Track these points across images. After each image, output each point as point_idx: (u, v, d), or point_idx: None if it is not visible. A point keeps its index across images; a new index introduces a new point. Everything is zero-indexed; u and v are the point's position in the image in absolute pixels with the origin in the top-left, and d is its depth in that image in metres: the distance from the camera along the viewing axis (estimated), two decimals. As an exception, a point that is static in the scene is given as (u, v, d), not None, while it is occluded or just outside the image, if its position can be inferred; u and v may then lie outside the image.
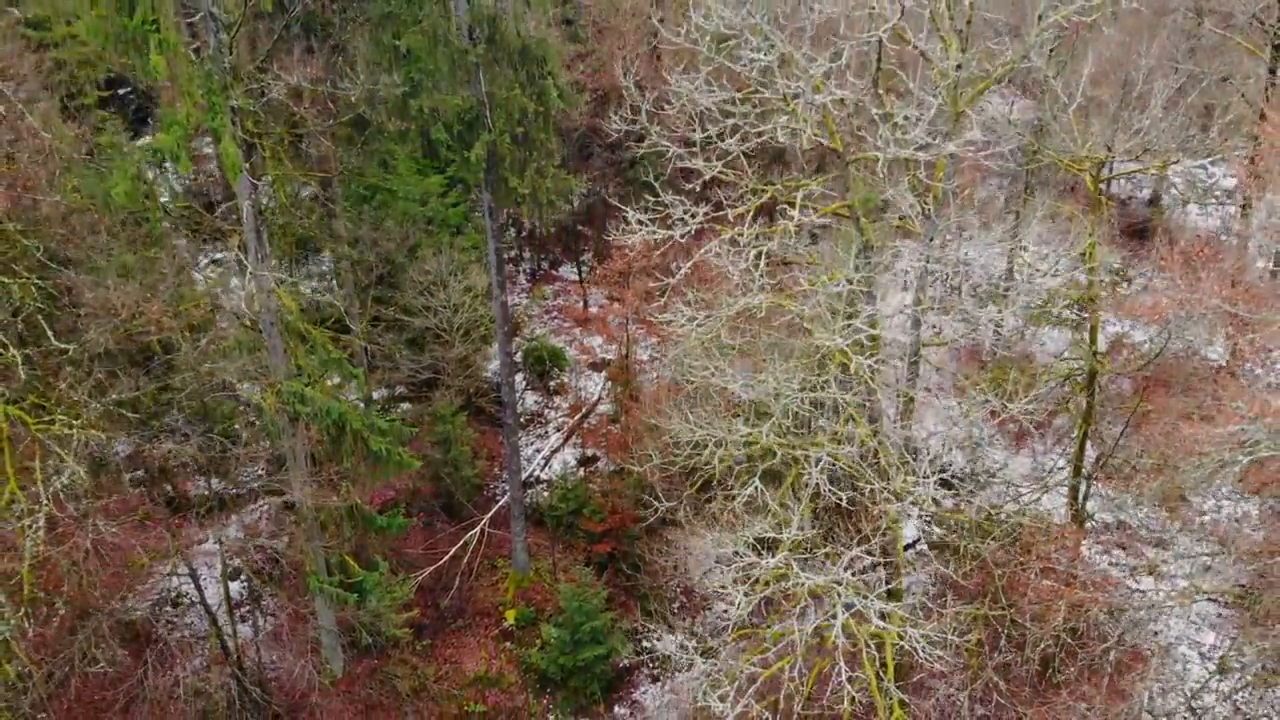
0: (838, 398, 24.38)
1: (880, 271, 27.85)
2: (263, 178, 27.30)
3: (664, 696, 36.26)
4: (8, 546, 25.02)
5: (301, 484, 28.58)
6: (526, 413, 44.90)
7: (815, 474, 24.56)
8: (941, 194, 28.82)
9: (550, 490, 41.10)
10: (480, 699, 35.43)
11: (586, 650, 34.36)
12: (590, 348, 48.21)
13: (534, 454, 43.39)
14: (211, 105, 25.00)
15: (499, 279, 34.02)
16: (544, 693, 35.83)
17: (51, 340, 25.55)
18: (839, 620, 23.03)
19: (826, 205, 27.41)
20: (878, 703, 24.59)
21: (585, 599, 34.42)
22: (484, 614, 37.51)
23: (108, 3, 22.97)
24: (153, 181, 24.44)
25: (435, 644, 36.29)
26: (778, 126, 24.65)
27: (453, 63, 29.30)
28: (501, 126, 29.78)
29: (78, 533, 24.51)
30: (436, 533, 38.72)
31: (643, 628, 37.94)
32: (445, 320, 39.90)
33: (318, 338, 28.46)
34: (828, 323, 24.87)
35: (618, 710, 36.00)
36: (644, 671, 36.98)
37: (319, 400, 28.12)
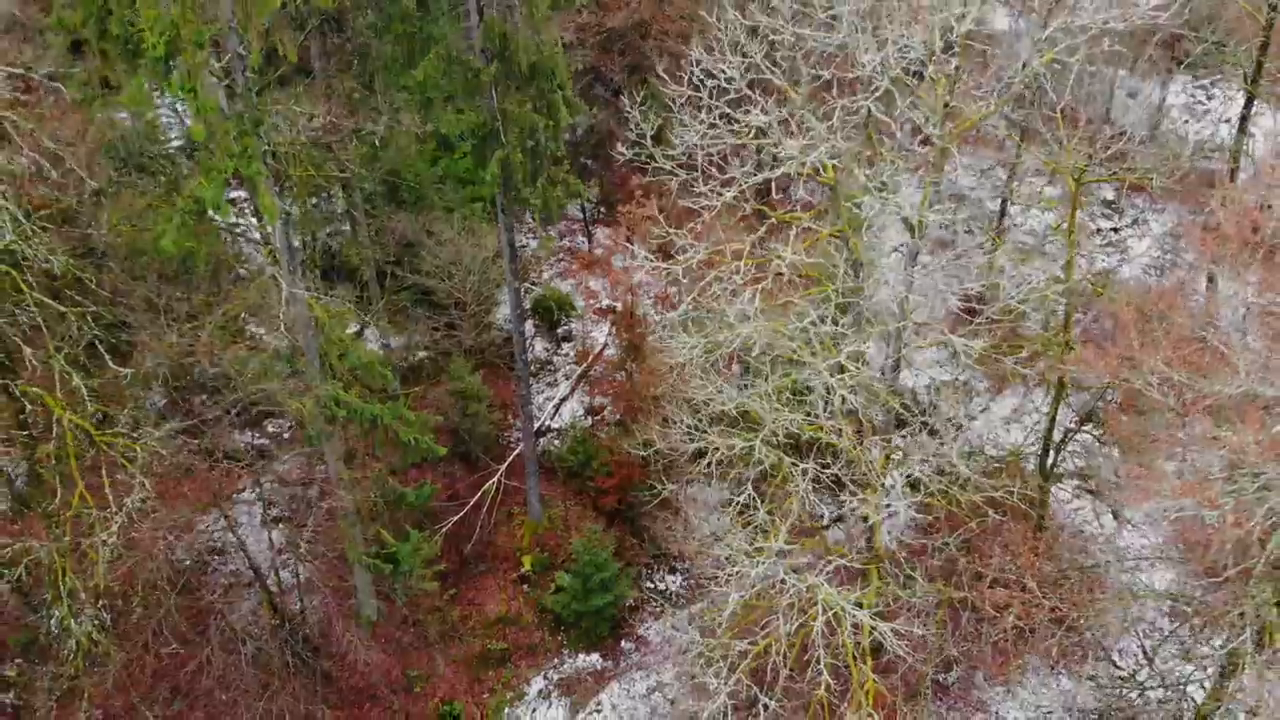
0: (823, 425, 27.10)
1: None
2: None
3: (666, 632, 40.32)
4: (81, 551, 28.23)
5: (339, 477, 31.60)
6: (536, 361, 47.61)
7: (803, 486, 27.58)
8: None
9: (561, 439, 44.27)
10: (501, 637, 39.49)
11: (596, 598, 38.16)
12: (596, 292, 50.48)
13: (544, 402, 46.33)
14: (244, 151, 26.84)
15: (512, 266, 36.19)
16: (558, 631, 39.85)
17: (109, 363, 28.15)
18: (819, 621, 26.45)
19: (819, 227, 29.52)
20: (853, 673, 28.28)
21: (595, 552, 38.01)
22: (503, 559, 41.23)
23: (146, 70, 24.58)
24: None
25: (459, 588, 40.10)
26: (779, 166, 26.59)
27: (466, 81, 30.81)
28: (514, 142, 31.49)
29: (148, 539, 27.67)
30: (456, 481, 42.02)
31: (647, 570, 41.84)
32: (460, 282, 42.28)
33: (350, 344, 30.99)
34: (816, 351, 27.36)
35: (624, 645, 40.09)
36: (648, 609, 40.89)
37: (354, 402, 30.90)
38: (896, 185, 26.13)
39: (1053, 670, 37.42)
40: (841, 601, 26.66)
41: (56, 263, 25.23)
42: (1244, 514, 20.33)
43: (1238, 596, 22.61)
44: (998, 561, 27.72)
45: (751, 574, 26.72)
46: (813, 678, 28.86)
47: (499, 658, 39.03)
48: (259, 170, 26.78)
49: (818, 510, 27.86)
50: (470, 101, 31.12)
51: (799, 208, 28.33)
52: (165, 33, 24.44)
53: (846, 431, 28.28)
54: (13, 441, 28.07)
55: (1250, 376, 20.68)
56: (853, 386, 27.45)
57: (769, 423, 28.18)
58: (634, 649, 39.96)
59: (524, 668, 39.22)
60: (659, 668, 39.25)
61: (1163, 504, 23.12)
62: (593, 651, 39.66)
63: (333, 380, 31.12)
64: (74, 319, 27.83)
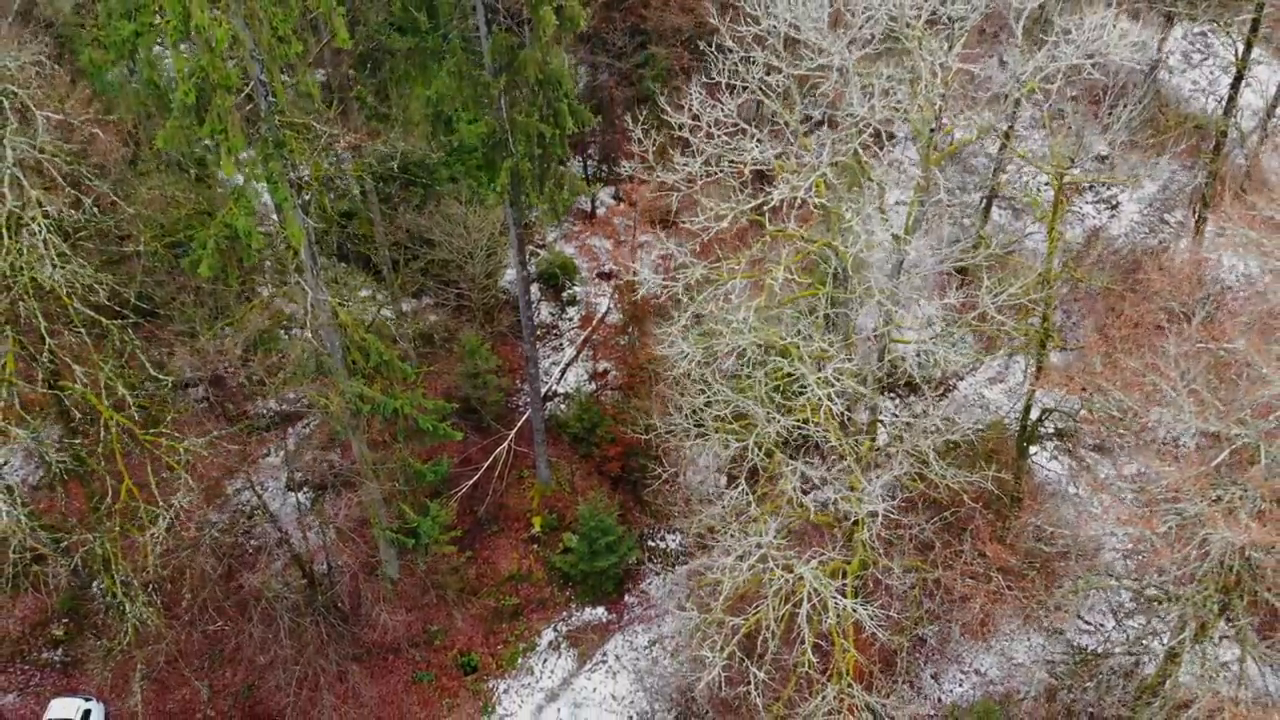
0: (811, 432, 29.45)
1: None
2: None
3: (666, 587, 43.40)
4: (130, 540, 30.94)
5: (363, 461, 34.11)
6: (541, 325, 49.69)
7: (793, 484, 30.06)
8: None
9: (567, 404, 46.70)
10: (514, 593, 42.59)
11: (602, 560, 41.10)
12: (597, 254, 52.25)
13: (550, 366, 48.59)
14: (270, 175, 28.61)
15: (520, 258, 38.04)
16: (566, 587, 42.92)
17: (149, 370, 30.41)
18: (804, 607, 29.24)
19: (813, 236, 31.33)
20: (835, 647, 31.22)
21: (600, 518, 40.82)
22: (514, 520, 44.07)
23: (180, 115, 26.18)
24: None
25: (474, 548, 43.01)
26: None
27: (476, 94, 32.26)
28: (522, 150, 33.08)
29: (194, 532, 30.36)
30: (469, 447, 44.57)
31: (649, 530, 44.72)
32: (469, 255, 44.17)
33: (372, 343, 33.15)
34: (805, 361, 29.54)
35: (628, 599, 43.23)
36: (650, 566, 43.91)
37: (377, 397, 33.23)
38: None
39: (1023, 626, 40.54)
40: (825, 591, 29.39)
41: (101, 289, 27.19)
42: (1180, 539, 22.83)
43: (1179, 598, 25.31)
44: (967, 554, 30.33)
45: (744, 567, 29.40)
46: (799, 652, 31.89)
47: (512, 612, 42.18)
48: (286, 196, 28.59)
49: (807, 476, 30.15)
50: (480, 112, 32.60)
51: (793, 219, 29.98)
52: (195, 77, 26.01)
53: (834, 428, 30.63)
54: (66, 449, 30.39)
55: (1191, 415, 22.92)
56: (838, 391, 29.70)
57: (762, 420, 30.53)
58: (636, 604, 43.10)
59: (535, 621, 42.41)
60: (659, 621, 42.47)
61: (1112, 528, 25.59)
62: (598, 606, 42.79)
63: (358, 377, 33.39)
64: (115, 331, 30.01)
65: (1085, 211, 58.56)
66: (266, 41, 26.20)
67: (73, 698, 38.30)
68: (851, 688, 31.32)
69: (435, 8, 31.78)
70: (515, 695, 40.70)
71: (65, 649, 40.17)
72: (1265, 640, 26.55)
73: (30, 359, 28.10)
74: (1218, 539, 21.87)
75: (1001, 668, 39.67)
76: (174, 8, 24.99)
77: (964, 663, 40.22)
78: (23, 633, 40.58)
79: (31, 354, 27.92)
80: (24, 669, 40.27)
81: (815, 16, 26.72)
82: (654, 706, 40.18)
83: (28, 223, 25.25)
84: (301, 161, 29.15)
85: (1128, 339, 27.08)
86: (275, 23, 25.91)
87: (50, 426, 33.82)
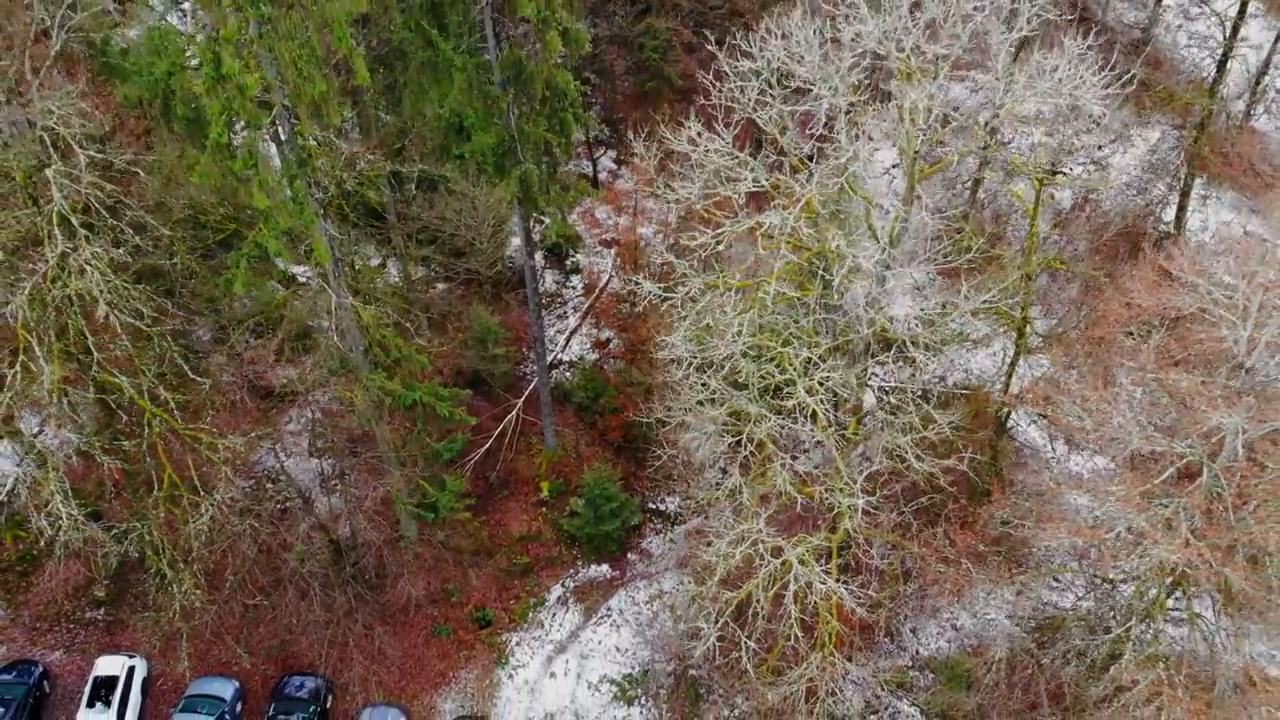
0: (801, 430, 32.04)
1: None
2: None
3: (665, 545, 46.55)
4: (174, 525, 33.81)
5: (386, 443, 36.83)
6: (546, 293, 51.88)
7: (782, 476, 32.76)
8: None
9: (572, 372, 49.21)
10: (524, 553, 45.77)
11: (606, 523, 44.17)
12: (599, 220, 54.15)
13: (556, 335, 50.96)
14: (296, 197, 30.62)
15: (528, 249, 40.12)
16: (573, 546, 46.08)
17: (189, 374, 32.87)
18: (791, 589, 32.26)
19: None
20: (820, 619, 34.36)
21: (605, 485, 43.76)
22: (523, 484, 47.01)
23: (213, 152, 28.08)
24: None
25: (487, 510, 46.01)
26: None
27: (486, 106, 34.02)
28: (530, 158, 34.97)
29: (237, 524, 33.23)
30: (479, 414, 47.18)
31: (650, 493, 47.66)
32: (475, 231, 46.11)
33: (391, 340, 35.53)
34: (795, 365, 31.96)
35: (630, 557, 46.43)
36: (651, 526, 47.02)
37: (398, 389, 35.76)
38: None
39: (996, 584, 43.79)
40: (812, 575, 32.35)
41: (146, 311, 29.48)
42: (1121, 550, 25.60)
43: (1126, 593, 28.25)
44: (939, 540, 33.23)
45: (736, 554, 32.32)
46: (786, 625, 34.97)
47: (523, 570, 45.41)
48: (312, 218, 30.64)
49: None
50: (490, 122, 34.38)
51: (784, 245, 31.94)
52: (225, 114, 27.85)
53: (821, 428, 33.22)
54: (116, 453, 32.99)
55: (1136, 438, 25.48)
56: (826, 393, 32.22)
57: (754, 417, 33.10)
58: (638, 561, 46.32)
59: (544, 578, 45.67)
60: (660, 578, 45.72)
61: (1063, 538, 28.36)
62: (603, 563, 46.00)
63: (379, 371, 35.86)
64: (155, 338, 32.38)
65: (1075, 173, 60.08)
66: (293, 81, 27.97)
67: (117, 655, 41.64)
68: (834, 655, 34.60)
69: (446, 26, 33.31)
70: (527, 647, 44.12)
71: (107, 610, 43.43)
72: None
73: (82, 370, 30.53)
74: (1156, 552, 24.62)
75: (976, 624, 43.05)
76: (205, 56, 26.75)
77: (941, 618, 43.58)
78: (67, 594, 43.68)
79: (82, 365, 30.33)
80: (70, 628, 43.58)
81: (808, 59, 28.41)
82: (654, 657, 43.64)
83: (80, 265, 27.40)
84: (325, 180, 31.09)
85: (1089, 354, 29.47)
86: (300, 64, 27.63)
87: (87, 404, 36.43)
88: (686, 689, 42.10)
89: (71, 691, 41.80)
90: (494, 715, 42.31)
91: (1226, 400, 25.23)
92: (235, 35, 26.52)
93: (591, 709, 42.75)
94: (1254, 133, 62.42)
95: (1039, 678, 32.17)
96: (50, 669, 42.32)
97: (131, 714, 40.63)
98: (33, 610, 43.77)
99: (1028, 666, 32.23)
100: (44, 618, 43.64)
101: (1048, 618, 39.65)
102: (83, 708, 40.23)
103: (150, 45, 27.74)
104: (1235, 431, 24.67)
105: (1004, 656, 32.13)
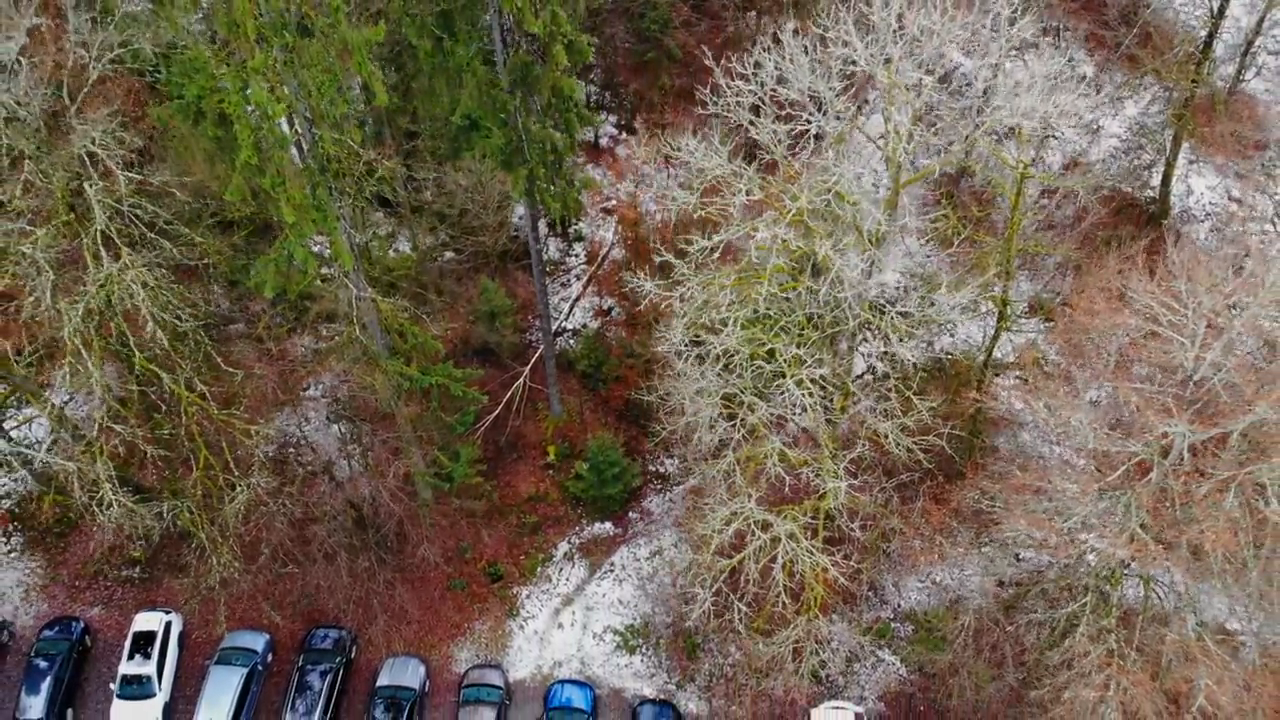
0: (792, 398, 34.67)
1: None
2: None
3: (664, 505, 49.54)
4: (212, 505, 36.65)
5: (407, 427, 39.49)
6: (550, 262, 53.98)
7: (773, 460, 35.47)
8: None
9: (575, 339, 51.60)
10: (533, 512, 48.76)
11: (610, 487, 47.05)
12: (600, 186, 55.91)
13: (560, 303, 53.22)
14: (318, 203, 32.71)
15: (534, 233, 42.24)
16: (578, 505, 49.04)
17: (222, 366, 35.38)
18: (780, 561, 35.22)
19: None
20: (806, 585, 37.44)
21: (608, 451, 46.50)
22: (531, 448, 49.79)
23: (243, 170, 30.12)
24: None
25: (497, 473, 48.85)
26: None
27: (495, 109, 35.85)
28: (536, 156, 36.90)
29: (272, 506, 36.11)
30: (489, 381, 49.74)
31: (650, 455, 50.45)
32: (482, 206, 48.15)
33: (408, 328, 37.90)
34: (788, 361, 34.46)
35: (631, 515, 49.43)
36: (651, 486, 49.93)
37: (415, 374, 38.27)
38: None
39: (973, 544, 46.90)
40: (800, 549, 35.29)
41: (183, 315, 31.88)
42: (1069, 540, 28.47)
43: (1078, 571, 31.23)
44: (915, 517, 36.15)
45: (729, 530, 35.24)
46: (774, 592, 37.95)
47: (532, 528, 48.45)
48: (335, 225, 32.78)
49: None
50: (498, 124, 36.24)
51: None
52: (254, 137, 29.84)
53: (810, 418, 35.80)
54: (158, 441, 35.64)
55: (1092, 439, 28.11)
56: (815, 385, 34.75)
57: (747, 405, 35.68)
58: (639, 519, 49.35)
59: (552, 535, 48.73)
60: (659, 535, 48.80)
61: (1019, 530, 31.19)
62: (606, 521, 49.04)
63: (398, 357, 38.32)
64: (190, 333, 34.80)
65: (1066, 136, 61.37)
66: (316, 105, 29.90)
67: (154, 611, 44.81)
68: (818, 618, 37.77)
69: (456, 31, 34.98)
70: (536, 600, 47.37)
71: (142, 568, 46.51)
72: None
73: (127, 368, 33.06)
74: (1103, 546, 27.41)
75: (954, 580, 46.23)
76: (233, 82, 28.65)
77: (920, 574, 46.76)
78: (104, 552, 46.75)
79: (126, 363, 32.84)
80: (107, 585, 46.69)
81: (800, 81, 30.29)
82: (654, 610, 46.94)
83: (125, 285, 29.68)
84: (345, 188, 33.17)
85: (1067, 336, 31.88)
86: (323, 89, 29.53)
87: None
88: (685, 640, 45.45)
89: (112, 645, 45.10)
90: (507, 663, 45.72)
91: (1178, 406, 27.79)
92: (262, 66, 28.39)
93: (596, 657, 46.16)
94: (1244, 97, 63.60)
95: (1004, 642, 35.33)
96: (91, 624, 45.53)
97: (169, 666, 43.96)
98: (71, 569, 46.89)
99: (994, 632, 35.35)
100: (82, 576, 46.75)
101: (1017, 583, 42.81)
102: (124, 660, 43.47)
103: (182, 69, 29.56)
104: (1182, 436, 27.26)
105: (971, 624, 35.20)
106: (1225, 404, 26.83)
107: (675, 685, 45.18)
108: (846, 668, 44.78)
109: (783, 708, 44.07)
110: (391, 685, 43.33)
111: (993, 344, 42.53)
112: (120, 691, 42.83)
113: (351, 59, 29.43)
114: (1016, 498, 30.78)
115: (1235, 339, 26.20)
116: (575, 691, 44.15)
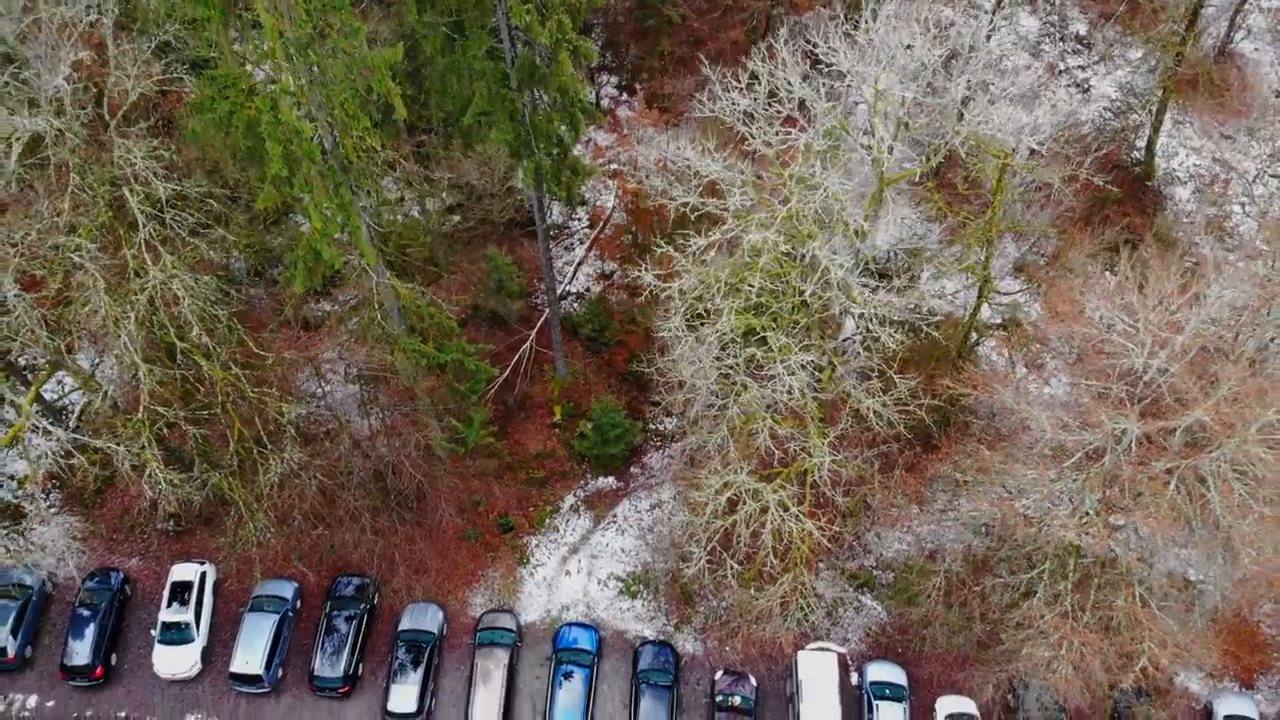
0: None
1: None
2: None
3: (663, 460, 52.78)
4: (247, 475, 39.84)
5: (425, 401, 42.49)
6: (554, 225, 56.29)
7: (764, 434, 38.49)
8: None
9: (579, 303, 54.24)
10: (541, 468, 52.05)
11: (612, 446, 50.24)
12: (602, 148, 57.93)
13: (564, 266, 55.71)
14: (341, 204, 35.16)
15: (541, 215, 44.64)
16: (583, 462, 52.29)
17: (253, 348, 38.22)
18: (769, 526, 38.54)
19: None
20: (793, 545, 40.84)
21: (611, 414, 49.57)
22: (538, 408, 52.85)
23: (274, 180, 32.49)
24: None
25: (506, 432, 51.99)
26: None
27: (504, 106, 38.02)
28: (543, 150, 39.16)
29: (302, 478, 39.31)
30: (497, 342, 52.49)
31: (650, 415, 53.50)
32: (489, 178, 50.32)
33: (425, 309, 40.60)
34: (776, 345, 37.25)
35: (633, 470, 52.71)
36: (651, 443, 53.11)
37: (431, 352, 41.12)
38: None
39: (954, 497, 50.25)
40: (787, 516, 38.57)
41: (222, 313, 34.65)
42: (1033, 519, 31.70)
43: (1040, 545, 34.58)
44: (892, 487, 39.43)
45: (722, 499, 38.47)
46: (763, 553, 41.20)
47: (540, 482, 51.77)
48: (358, 225, 35.27)
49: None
50: (507, 119, 38.44)
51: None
52: (283, 150, 32.15)
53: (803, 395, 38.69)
54: (197, 421, 38.64)
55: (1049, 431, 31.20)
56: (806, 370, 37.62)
57: (740, 387, 38.59)
58: (640, 474, 52.65)
59: (558, 489, 52.08)
60: (659, 489, 52.14)
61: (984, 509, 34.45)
62: (609, 476, 52.34)
63: (415, 336, 41.11)
64: (224, 321, 37.57)
65: (1059, 96, 62.93)
66: (339, 119, 32.16)
67: (190, 562, 48.31)
68: (804, 574, 41.26)
69: (466, 32, 36.97)
70: (544, 549, 50.92)
71: (176, 521, 49.84)
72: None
73: (169, 359, 36.00)
74: (1056, 529, 30.62)
75: (932, 532, 49.72)
76: (265, 105, 30.90)
77: (901, 527, 50.23)
78: (140, 506, 49.97)
79: (168, 354, 35.75)
80: (144, 537, 50.05)
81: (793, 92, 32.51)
82: (654, 558, 50.53)
83: (170, 291, 32.33)
84: (367, 189, 35.61)
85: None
86: (346, 105, 31.77)
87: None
88: (682, 588, 49.12)
89: (150, 594, 48.60)
90: (518, 607, 49.46)
91: (1130, 401, 30.76)
92: (289, 86, 30.62)
93: (600, 601, 49.90)
94: (1234, 58, 64.93)
95: (972, 599, 38.87)
96: (130, 574, 49.02)
97: (206, 613, 47.61)
98: (109, 522, 50.20)
99: (963, 590, 38.87)
100: (120, 529, 50.05)
101: (987, 549, 46.20)
102: (163, 607, 47.02)
103: (214, 87, 31.74)
104: (1130, 430, 30.26)
105: (942, 585, 38.72)
106: (1168, 405, 29.80)
107: (673, 628, 48.99)
108: (832, 611, 48.53)
109: (772, 649, 47.89)
110: (412, 629, 47.09)
111: (973, 315, 45.26)
112: (161, 637, 46.51)
113: (373, 76, 31.59)
114: (980, 478, 33.93)
115: (1178, 350, 29.05)
116: (581, 633, 47.93)
